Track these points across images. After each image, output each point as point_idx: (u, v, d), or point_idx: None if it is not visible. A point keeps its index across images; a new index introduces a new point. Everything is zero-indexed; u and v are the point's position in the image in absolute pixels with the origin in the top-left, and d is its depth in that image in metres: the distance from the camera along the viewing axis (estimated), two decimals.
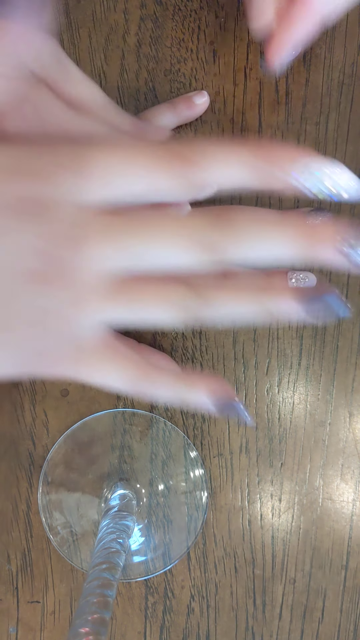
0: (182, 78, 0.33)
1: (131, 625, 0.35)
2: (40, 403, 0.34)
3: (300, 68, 0.33)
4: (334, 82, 0.33)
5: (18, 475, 0.35)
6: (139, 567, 0.35)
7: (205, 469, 0.34)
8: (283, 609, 0.35)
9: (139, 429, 0.34)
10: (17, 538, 0.35)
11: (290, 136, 0.33)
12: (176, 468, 0.34)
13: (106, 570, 0.25)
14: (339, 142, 0.33)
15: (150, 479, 0.34)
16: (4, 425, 0.34)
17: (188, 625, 0.35)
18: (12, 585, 0.35)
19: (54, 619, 0.35)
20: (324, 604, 0.35)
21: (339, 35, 0.33)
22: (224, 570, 0.35)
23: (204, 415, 0.34)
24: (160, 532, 0.35)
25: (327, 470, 0.34)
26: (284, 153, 0.19)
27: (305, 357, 0.34)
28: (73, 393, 0.34)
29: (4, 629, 0.35)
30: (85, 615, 0.22)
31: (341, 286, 0.33)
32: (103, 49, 0.33)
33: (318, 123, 0.33)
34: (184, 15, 0.33)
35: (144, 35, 0.33)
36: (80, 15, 0.33)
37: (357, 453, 0.34)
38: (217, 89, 0.33)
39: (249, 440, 0.34)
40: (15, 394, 0.34)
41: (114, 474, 0.34)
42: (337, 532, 0.34)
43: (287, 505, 0.34)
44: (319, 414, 0.34)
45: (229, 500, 0.34)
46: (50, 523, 0.35)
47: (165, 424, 0.34)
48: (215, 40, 0.33)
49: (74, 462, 0.34)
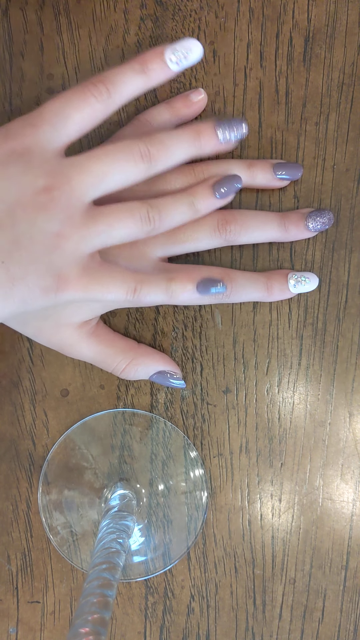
0: (182, 78, 0.33)
1: (131, 625, 0.35)
2: (40, 403, 0.34)
3: (300, 68, 0.33)
4: (334, 82, 0.33)
5: (18, 475, 0.35)
6: (139, 567, 0.35)
7: (205, 469, 0.34)
8: (283, 609, 0.35)
9: (139, 429, 0.34)
10: (17, 538, 0.35)
11: (290, 136, 0.33)
12: (176, 468, 0.34)
13: (106, 570, 0.25)
14: (339, 142, 0.33)
15: (150, 479, 0.34)
16: (4, 426, 0.34)
17: (188, 625, 0.35)
18: (12, 585, 0.35)
19: (54, 619, 0.35)
20: (324, 604, 0.35)
21: (339, 35, 0.33)
22: (224, 570, 0.35)
23: (204, 415, 0.34)
24: (160, 532, 0.35)
25: (327, 470, 0.34)
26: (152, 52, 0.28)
27: (305, 357, 0.34)
28: (73, 393, 0.34)
29: (4, 629, 0.35)
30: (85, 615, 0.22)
31: (341, 286, 0.33)
32: (103, 49, 0.33)
33: (318, 123, 0.33)
34: (184, 15, 0.33)
35: (144, 35, 0.33)
36: (80, 15, 0.33)
37: (357, 453, 0.34)
38: (217, 89, 0.33)
39: (249, 440, 0.34)
40: (15, 395, 0.34)
41: (114, 474, 0.34)
42: (337, 532, 0.34)
43: (287, 506, 0.34)
44: (319, 414, 0.34)
45: (229, 500, 0.34)
46: (50, 523, 0.35)
47: (165, 424, 0.34)
48: (215, 40, 0.33)
49: (74, 462, 0.34)
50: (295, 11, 0.33)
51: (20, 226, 0.26)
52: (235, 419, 0.34)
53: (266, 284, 0.32)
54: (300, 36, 0.33)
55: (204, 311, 0.34)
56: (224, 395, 0.34)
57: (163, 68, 0.28)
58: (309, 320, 0.34)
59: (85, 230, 0.27)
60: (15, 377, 0.34)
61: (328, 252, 0.33)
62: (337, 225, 0.33)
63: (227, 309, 0.34)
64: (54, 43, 0.33)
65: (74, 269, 0.27)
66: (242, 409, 0.34)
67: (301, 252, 0.33)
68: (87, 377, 0.34)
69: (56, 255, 0.26)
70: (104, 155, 0.27)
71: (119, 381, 0.34)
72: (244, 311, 0.34)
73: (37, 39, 0.33)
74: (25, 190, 0.26)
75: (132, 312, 0.34)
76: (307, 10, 0.33)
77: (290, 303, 0.34)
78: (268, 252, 0.34)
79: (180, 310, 0.34)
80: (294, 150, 0.33)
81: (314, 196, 0.33)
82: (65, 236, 0.26)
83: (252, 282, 0.32)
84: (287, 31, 0.33)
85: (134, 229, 0.28)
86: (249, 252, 0.34)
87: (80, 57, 0.33)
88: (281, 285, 0.32)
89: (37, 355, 0.34)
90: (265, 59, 0.33)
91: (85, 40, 0.33)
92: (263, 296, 0.32)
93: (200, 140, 0.29)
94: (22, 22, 0.33)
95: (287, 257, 0.34)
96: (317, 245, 0.33)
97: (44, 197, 0.26)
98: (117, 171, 0.27)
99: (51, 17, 0.33)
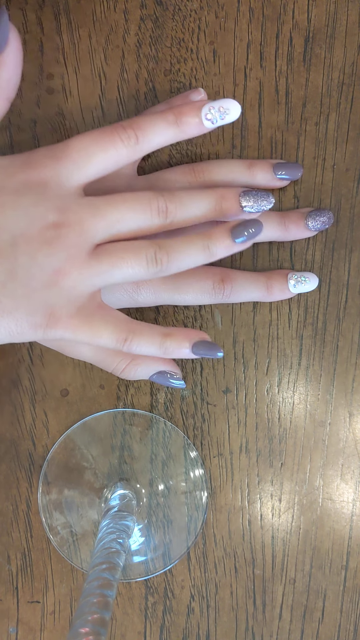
0: (182, 78, 0.33)
1: (131, 625, 0.35)
2: (40, 403, 0.34)
3: (300, 68, 0.33)
4: (334, 82, 0.33)
5: (18, 475, 0.35)
6: (139, 567, 0.35)
7: (205, 469, 0.34)
8: (283, 609, 0.35)
9: (139, 429, 0.34)
10: (17, 538, 0.35)
11: (290, 136, 0.33)
12: (176, 468, 0.34)
13: (106, 570, 0.25)
14: (339, 142, 0.33)
15: (150, 479, 0.34)
16: (4, 426, 0.34)
17: (188, 625, 0.35)
18: (12, 585, 0.35)
19: (54, 619, 0.35)
20: (324, 604, 0.35)
21: (339, 35, 0.33)
22: (224, 571, 0.35)
23: (204, 415, 0.34)
24: (160, 532, 0.35)
25: (327, 470, 0.34)
26: (190, 106, 0.27)
27: (305, 357, 0.34)
28: (73, 393, 0.34)
29: (4, 629, 0.35)
30: (85, 615, 0.22)
31: (341, 286, 0.33)
32: (103, 49, 0.33)
33: (318, 123, 0.33)
34: (184, 15, 0.33)
35: (144, 35, 0.33)
36: (80, 15, 0.33)
37: (357, 453, 0.34)
38: (217, 89, 0.33)
39: (249, 440, 0.34)
40: (15, 395, 0.34)
41: (114, 474, 0.34)
42: (337, 532, 0.34)
43: (287, 506, 0.34)
44: (319, 414, 0.34)
45: (229, 500, 0.34)
46: (50, 523, 0.35)
47: (165, 424, 0.34)
48: (215, 40, 0.33)
49: (74, 462, 0.34)
50: (295, 11, 0.33)
51: (20, 259, 0.25)
52: (235, 419, 0.34)
53: (266, 284, 0.32)
54: (300, 36, 0.33)
55: (204, 311, 0.34)
56: (224, 395, 0.34)
57: (198, 124, 0.27)
58: (309, 320, 0.34)
59: (86, 269, 0.26)
60: (15, 376, 0.34)
61: (328, 252, 0.33)
62: (337, 225, 0.33)
63: (227, 309, 0.34)
64: (54, 43, 0.33)
65: (68, 307, 0.26)
66: (242, 409, 0.34)
67: (301, 252, 0.33)
68: (87, 377, 0.34)
69: (52, 292, 0.26)
70: (121, 203, 0.26)
71: (119, 381, 0.34)
72: (244, 311, 0.34)
73: (37, 39, 0.33)
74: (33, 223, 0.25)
75: (132, 312, 0.34)
76: (307, 10, 0.33)
77: (290, 303, 0.34)
78: (268, 252, 0.34)
79: (180, 310, 0.34)
80: (294, 150, 0.33)
81: (314, 196, 0.33)
82: (65, 273, 0.26)
83: (252, 282, 0.32)
84: (287, 31, 0.33)
85: (139, 270, 0.27)
86: (248, 252, 0.34)
87: (80, 57, 0.33)
88: (281, 285, 0.32)
89: (37, 355, 0.34)
90: (265, 59, 0.33)
91: (85, 41, 0.33)
92: (263, 296, 0.32)
93: (222, 206, 0.28)
94: (22, 22, 0.33)
95: (287, 257, 0.34)
96: (317, 245, 0.33)
97: (51, 232, 0.25)
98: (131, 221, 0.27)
99: (51, 17, 0.33)
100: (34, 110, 0.33)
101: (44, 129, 0.33)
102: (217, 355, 0.29)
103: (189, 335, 0.29)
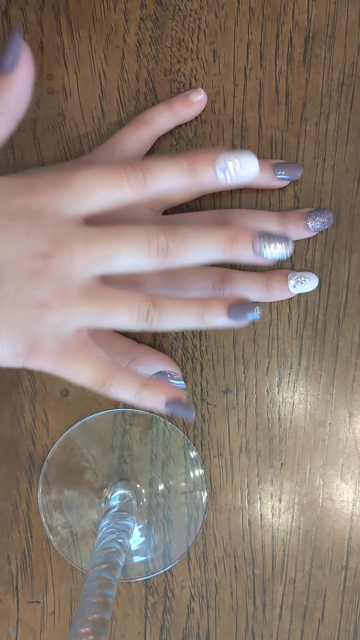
0: (182, 78, 0.33)
1: (131, 626, 0.35)
2: (40, 403, 0.34)
3: (300, 68, 0.33)
4: (334, 82, 0.33)
5: (18, 475, 0.35)
6: (139, 567, 0.35)
7: (205, 469, 0.34)
8: (283, 610, 0.35)
9: (139, 429, 0.34)
10: (17, 538, 0.35)
11: (290, 136, 0.33)
12: (176, 468, 0.34)
13: (106, 570, 0.25)
14: (339, 143, 0.33)
15: (150, 479, 0.34)
16: (4, 426, 0.34)
17: (188, 625, 0.35)
18: (12, 585, 0.35)
19: (54, 619, 0.35)
20: (324, 605, 0.35)
21: (339, 35, 0.33)
22: (224, 571, 0.35)
23: (204, 416, 0.34)
24: (160, 532, 0.35)
25: (327, 470, 0.34)
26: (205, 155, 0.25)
27: (305, 357, 0.34)
28: (73, 393, 0.34)
29: (4, 629, 0.35)
30: (85, 615, 0.22)
31: (341, 287, 0.33)
32: (103, 49, 0.33)
33: (318, 123, 0.33)
34: (184, 15, 0.33)
35: (144, 35, 0.33)
36: (80, 16, 0.33)
37: (357, 453, 0.34)
38: (217, 89, 0.33)
39: (249, 440, 0.34)
40: (15, 395, 0.34)
41: (114, 474, 0.34)
42: (337, 532, 0.34)
43: (287, 506, 0.34)
44: (319, 414, 0.34)
45: (229, 500, 0.34)
46: (50, 523, 0.35)
47: (165, 424, 0.34)
48: (215, 40, 0.33)
49: (74, 462, 0.34)
50: (295, 11, 0.33)
51: (6, 287, 0.24)
52: (235, 419, 0.34)
53: (266, 284, 0.32)
54: (300, 36, 0.33)
55: None
56: (224, 395, 0.34)
57: (211, 177, 0.25)
58: (309, 320, 0.34)
59: (75, 308, 0.25)
60: (15, 377, 0.34)
61: (328, 252, 0.33)
62: (337, 225, 0.33)
63: None
64: (54, 43, 0.33)
65: (51, 342, 0.25)
66: (242, 409, 0.34)
67: (301, 252, 0.33)
68: None
69: (36, 324, 0.25)
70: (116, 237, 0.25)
71: None
72: None
73: (37, 40, 0.33)
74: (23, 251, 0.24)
75: None
76: (307, 10, 0.33)
77: (290, 303, 0.34)
78: None
79: None
80: (294, 150, 0.33)
81: (314, 196, 0.33)
82: (51, 308, 0.25)
83: (252, 282, 0.32)
84: (287, 31, 0.33)
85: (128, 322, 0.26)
86: None
87: (80, 58, 0.33)
88: (281, 285, 0.32)
89: None
90: (265, 59, 0.33)
91: (85, 41, 0.33)
92: (263, 296, 0.32)
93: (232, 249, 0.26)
94: (22, 22, 0.33)
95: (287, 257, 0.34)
96: (317, 245, 0.33)
97: (40, 262, 0.24)
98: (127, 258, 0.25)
99: (51, 18, 0.33)
100: (34, 110, 0.33)
101: (44, 129, 0.33)
102: (189, 417, 0.28)
103: (166, 390, 0.27)
